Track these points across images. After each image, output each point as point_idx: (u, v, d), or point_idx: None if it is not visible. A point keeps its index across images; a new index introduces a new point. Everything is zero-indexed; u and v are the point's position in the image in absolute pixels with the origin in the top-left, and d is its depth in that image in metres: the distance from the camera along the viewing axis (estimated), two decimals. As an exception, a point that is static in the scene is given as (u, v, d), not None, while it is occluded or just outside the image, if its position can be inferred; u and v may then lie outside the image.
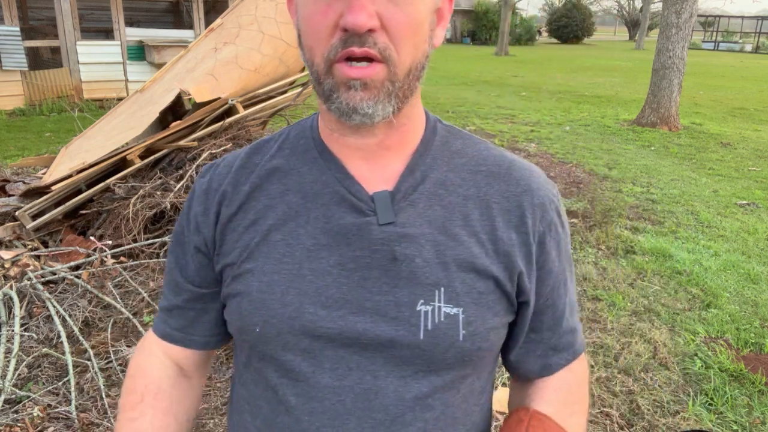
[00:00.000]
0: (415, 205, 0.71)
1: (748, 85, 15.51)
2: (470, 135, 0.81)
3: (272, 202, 0.73)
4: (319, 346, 0.69)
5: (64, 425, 2.30)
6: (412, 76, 0.66)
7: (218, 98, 3.94)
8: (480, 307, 0.70)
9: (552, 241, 0.75)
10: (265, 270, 0.70)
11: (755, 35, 36.02)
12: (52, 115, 8.45)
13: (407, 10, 0.62)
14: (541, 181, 0.77)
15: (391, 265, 0.68)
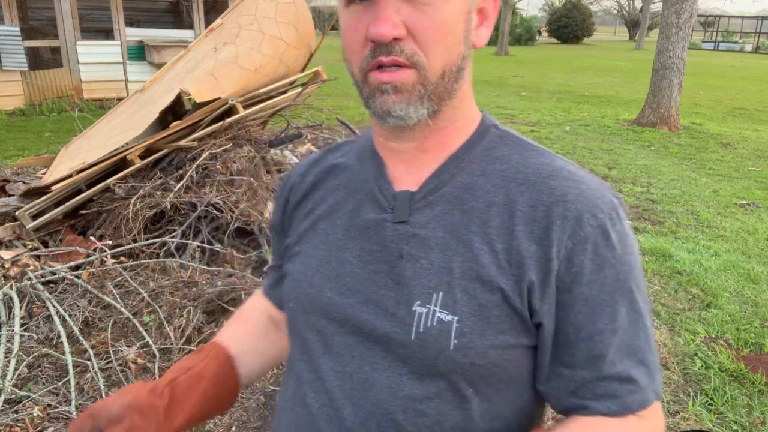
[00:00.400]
0: (433, 207, 0.71)
1: (748, 85, 15.51)
2: (527, 143, 0.75)
3: (326, 194, 0.81)
4: (332, 329, 0.74)
5: (64, 425, 2.30)
6: (447, 78, 0.67)
7: (218, 98, 3.94)
8: (479, 319, 0.67)
9: (587, 262, 0.66)
10: (307, 254, 0.79)
11: (755, 35, 36.03)
12: (52, 115, 8.45)
13: (434, 17, 0.64)
14: (586, 192, 0.68)
15: (396, 263, 0.71)
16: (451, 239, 0.69)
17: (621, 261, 0.67)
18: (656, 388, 0.69)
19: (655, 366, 0.70)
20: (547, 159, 0.73)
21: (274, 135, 4.72)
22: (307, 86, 4.58)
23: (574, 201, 0.67)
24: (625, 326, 0.67)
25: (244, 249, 3.71)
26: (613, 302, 0.67)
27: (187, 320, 2.86)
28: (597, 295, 0.67)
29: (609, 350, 0.67)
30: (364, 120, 8.62)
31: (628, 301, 0.68)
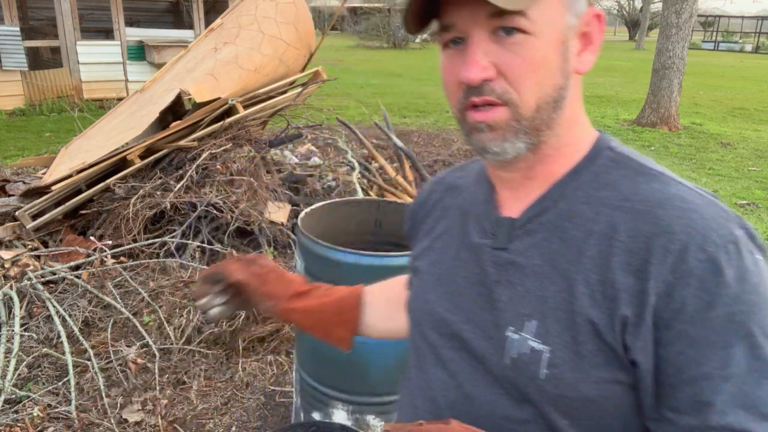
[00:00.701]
0: (533, 234, 0.71)
1: (748, 85, 15.51)
2: (642, 166, 0.70)
3: (444, 214, 0.85)
4: (441, 343, 0.77)
5: (64, 425, 2.31)
6: (543, 110, 0.67)
7: (218, 98, 3.94)
8: (571, 352, 0.65)
9: (691, 298, 0.61)
10: (424, 271, 0.84)
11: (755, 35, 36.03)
12: (52, 115, 8.45)
13: (523, 54, 0.65)
14: (696, 223, 0.63)
15: (494, 287, 0.73)
16: (548, 268, 0.69)
17: (738, 300, 0.60)
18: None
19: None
20: (660, 185, 0.67)
21: (274, 135, 4.72)
22: (307, 86, 4.58)
23: (679, 233, 0.62)
24: (741, 373, 0.60)
25: (244, 249, 3.71)
26: (726, 345, 0.60)
27: (187, 320, 2.86)
28: (704, 335, 0.61)
29: (717, 398, 0.60)
30: (363, 120, 8.62)
31: (748, 346, 0.60)
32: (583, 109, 0.74)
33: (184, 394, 2.55)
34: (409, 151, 5.12)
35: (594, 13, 0.69)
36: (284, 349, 2.84)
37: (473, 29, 0.65)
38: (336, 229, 2.14)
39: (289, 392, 2.59)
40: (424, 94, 11.66)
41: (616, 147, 0.73)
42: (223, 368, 2.72)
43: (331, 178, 4.85)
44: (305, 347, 1.98)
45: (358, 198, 2.38)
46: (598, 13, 0.68)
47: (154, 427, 2.34)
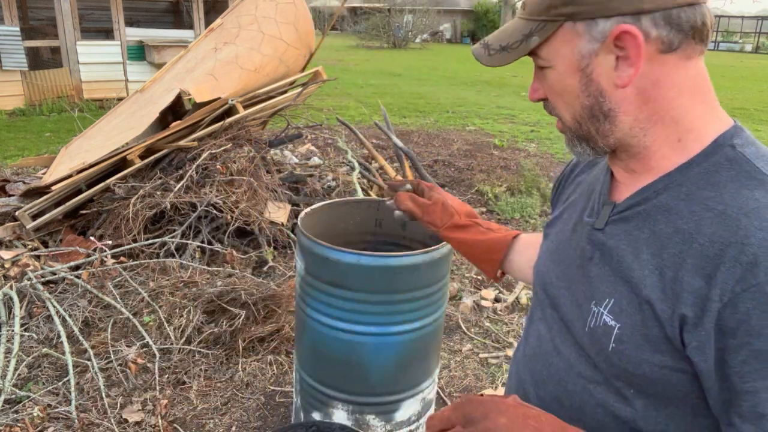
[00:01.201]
0: (628, 221, 0.77)
1: (748, 85, 15.51)
2: (755, 170, 0.70)
3: (577, 187, 0.94)
4: (547, 302, 0.89)
5: (64, 425, 2.31)
6: (585, 123, 0.77)
7: (218, 98, 3.94)
8: (637, 333, 0.71)
9: (757, 312, 0.62)
10: (550, 238, 0.94)
11: (755, 35, 36.01)
12: (52, 115, 8.45)
13: (548, 83, 0.78)
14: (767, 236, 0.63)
15: (589, 263, 0.81)
16: (632, 255, 0.74)
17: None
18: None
19: None
20: (760, 192, 0.67)
21: (274, 135, 4.72)
22: (307, 86, 4.58)
23: (754, 245, 0.63)
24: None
25: (244, 249, 3.71)
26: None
27: (187, 320, 2.86)
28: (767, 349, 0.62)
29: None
30: (363, 120, 8.62)
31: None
32: (690, 108, 0.74)
33: (184, 394, 2.55)
34: (409, 151, 5.12)
35: (618, 32, 0.70)
36: (284, 349, 2.84)
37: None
38: (336, 229, 2.14)
39: (289, 392, 2.59)
40: (424, 94, 11.66)
41: (740, 145, 0.72)
42: (223, 368, 2.72)
43: (331, 178, 4.85)
44: (305, 347, 1.98)
45: (358, 198, 2.38)
46: (624, 30, 0.69)
47: (154, 427, 2.34)
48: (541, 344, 0.88)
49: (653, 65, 0.71)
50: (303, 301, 1.91)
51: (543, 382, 0.86)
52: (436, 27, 29.52)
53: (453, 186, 5.68)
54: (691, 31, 0.70)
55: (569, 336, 0.83)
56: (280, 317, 2.90)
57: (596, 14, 0.70)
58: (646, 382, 0.73)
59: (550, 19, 0.73)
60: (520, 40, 0.75)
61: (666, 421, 0.74)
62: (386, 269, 1.76)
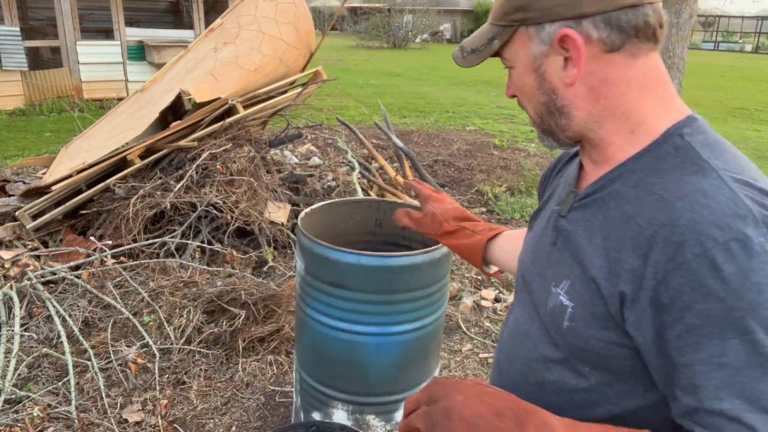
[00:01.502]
0: (586, 208, 0.83)
1: (748, 85, 15.51)
2: (698, 157, 0.74)
3: (558, 180, 0.99)
4: (524, 287, 0.94)
5: (64, 425, 2.31)
6: (545, 118, 0.84)
7: (218, 98, 3.94)
8: (587, 312, 0.77)
9: (686, 288, 0.66)
10: (532, 228, 1.00)
11: (755, 35, 35.99)
12: (52, 115, 8.45)
13: (512, 81, 0.86)
14: (704, 218, 0.67)
15: (553, 248, 0.87)
16: (586, 239, 0.80)
17: (737, 296, 0.64)
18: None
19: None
20: (698, 178, 0.71)
21: (274, 135, 4.72)
22: (307, 86, 4.58)
23: (683, 226, 0.68)
24: (737, 365, 0.64)
25: (244, 249, 3.71)
26: (723, 336, 0.65)
27: (187, 320, 2.86)
28: (700, 324, 0.66)
29: (709, 383, 0.66)
30: (363, 120, 8.62)
31: (748, 341, 0.64)
32: (639, 102, 0.80)
33: (184, 394, 2.55)
34: (409, 151, 5.12)
35: (560, 35, 0.77)
36: (284, 349, 2.84)
37: None
38: (336, 229, 2.14)
39: (289, 392, 2.59)
40: (424, 94, 11.66)
41: (688, 134, 0.78)
42: (223, 368, 2.72)
43: (331, 178, 4.85)
44: (305, 347, 1.98)
45: (358, 198, 2.38)
46: (564, 33, 0.76)
47: (154, 427, 2.34)
48: (517, 326, 0.94)
49: (599, 64, 0.77)
50: (303, 301, 1.91)
51: (513, 360, 0.93)
52: (436, 27, 29.51)
53: (453, 186, 5.68)
54: (633, 31, 0.75)
55: (537, 317, 0.88)
56: (280, 317, 2.90)
57: (543, 19, 0.77)
58: (597, 358, 0.78)
59: (507, 25, 0.81)
60: (485, 44, 0.84)
61: (618, 395, 0.78)
62: (386, 269, 1.76)
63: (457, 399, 0.70)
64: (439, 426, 0.68)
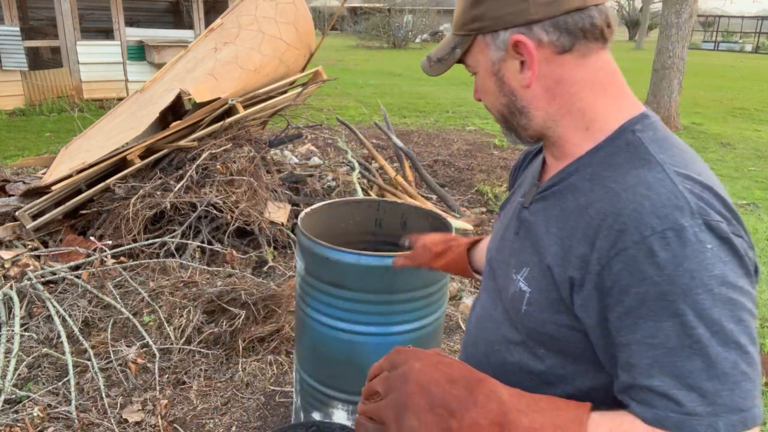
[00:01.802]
0: (546, 200, 0.88)
1: (748, 85, 15.51)
2: (645, 152, 0.79)
3: (525, 172, 1.05)
4: (491, 274, 1.00)
5: (64, 425, 2.31)
6: (507, 118, 0.89)
7: (218, 98, 3.94)
8: (542, 297, 0.82)
9: (625, 273, 0.71)
10: (500, 219, 1.05)
11: (755, 35, 35.99)
12: (52, 115, 8.45)
13: (476, 85, 0.92)
14: (644, 209, 0.72)
15: (515, 237, 0.92)
16: (544, 228, 0.85)
17: (671, 281, 0.68)
18: (712, 421, 0.67)
19: (721, 401, 0.67)
20: (644, 171, 0.76)
21: (274, 135, 4.72)
22: (307, 86, 4.58)
23: (625, 215, 0.73)
24: (668, 345, 0.69)
25: (244, 249, 3.71)
26: (657, 319, 0.69)
27: (187, 320, 2.86)
28: (636, 306, 0.71)
29: (642, 361, 0.71)
30: (363, 120, 8.62)
31: (679, 324, 0.68)
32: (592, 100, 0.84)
33: (184, 394, 2.55)
34: (409, 151, 5.12)
35: (513, 41, 0.82)
36: (284, 349, 2.84)
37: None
38: (336, 229, 2.14)
39: (289, 392, 2.59)
40: (424, 94, 11.66)
41: (639, 130, 0.82)
42: (223, 368, 2.72)
43: (331, 178, 4.85)
44: (305, 347, 1.98)
45: (358, 198, 2.38)
46: (517, 39, 0.81)
47: (154, 427, 2.34)
48: (482, 311, 1.00)
49: (552, 66, 0.82)
50: (303, 301, 1.91)
51: (477, 342, 0.98)
52: (436, 27, 29.51)
53: (453, 186, 5.68)
54: (581, 32, 0.80)
55: (500, 302, 0.94)
56: (280, 317, 2.90)
57: (497, 27, 0.82)
58: (551, 341, 0.83)
59: (466, 34, 0.86)
60: (448, 52, 0.89)
61: (572, 376, 0.83)
62: (386, 269, 1.76)
63: (415, 366, 0.75)
64: (397, 390, 0.73)
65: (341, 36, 31.48)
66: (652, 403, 0.70)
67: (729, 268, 0.70)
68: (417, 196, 4.73)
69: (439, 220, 2.04)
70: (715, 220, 0.71)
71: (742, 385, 0.68)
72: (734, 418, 0.68)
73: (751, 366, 0.69)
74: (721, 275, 0.69)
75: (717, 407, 0.67)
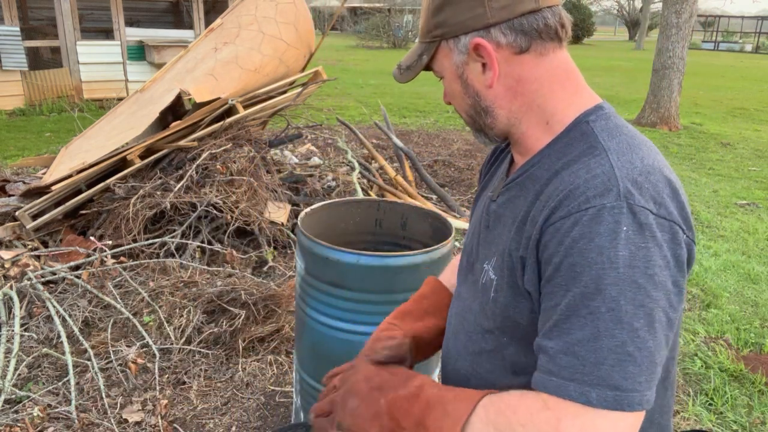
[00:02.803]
0: (510, 191, 0.93)
1: (748, 85, 15.51)
2: (595, 142, 0.83)
3: (494, 169, 1.08)
4: (469, 268, 1.02)
5: (64, 425, 2.31)
6: (474, 118, 0.93)
7: (218, 98, 3.94)
8: (507, 283, 0.86)
9: (551, 244, 0.77)
10: (473, 214, 1.09)
11: (755, 35, 35.99)
12: (52, 115, 8.45)
13: (444, 89, 0.95)
14: (578, 189, 0.77)
15: (486, 230, 0.97)
16: (509, 218, 0.89)
17: (580, 254, 0.74)
18: (585, 390, 0.71)
19: (599, 373, 0.71)
20: (589, 158, 0.81)
21: (274, 135, 4.72)
22: (307, 86, 4.58)
23: (559, 194, 0.79)
24: (567, 313, 0.75)
25: (244, 249, 3.71)
26: (564, 287, 0.75)
27: (187, 320, 2.86)
28: (552, 276, 0.77)
29: (546, 324, 0.78)
30: (363, 120, 8.62)
31: (580, 294, 0.73)
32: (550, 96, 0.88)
33: (184, 394, 2.55)
34: (409, 151, 5.12)
35: (473, 45, 0.86)
36: (284, 349, 2.84)
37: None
38: (336, 229, 2.14)
39: (289, 392, 2.59)
40: (424, 94, 11.66)
41: (593, 120, 0.86)
42: (223, 368, 2.72)
43: (331, 178, 4.85)
44: (305, 347, 1.98)
45: (358, 198, 2.38)
46: (476, 42, 0.86)
47: (154, 427, 2.34)
48: (461, 303, 1.03)
49: (512, 65, 0.86)
50: (303, 301, 1.91)
51: (457, 333, 1.01)
52: (436, 27, 29.44)
53: (453, 186, 5.68)
54: (536, 33, 0.85)
55: (478, 294, 0.96)
56: (280, 317, 2.90)
57: (458, 32, 0.87)
58: (514, 327, 0.87)
59: (430, 41, 0.91)
60: (416, 60, 0.93)
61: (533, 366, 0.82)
62: (386, 269, 1.76)
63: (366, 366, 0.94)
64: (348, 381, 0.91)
65: (341, 36, 31.48)
66: (543, 363, 0.76)
67: (642, 253, 0.73)
68: (417, 196, 4.73)
69: (439, 220, 2.05)
70: (639, 205, 0.75)
71: (625, 366, 0.71)
72: (609, 393, 0.71)
73: (641, 351, 0.71)
74: (630, 257, 0.72)
75: (593, 378, 0.71)
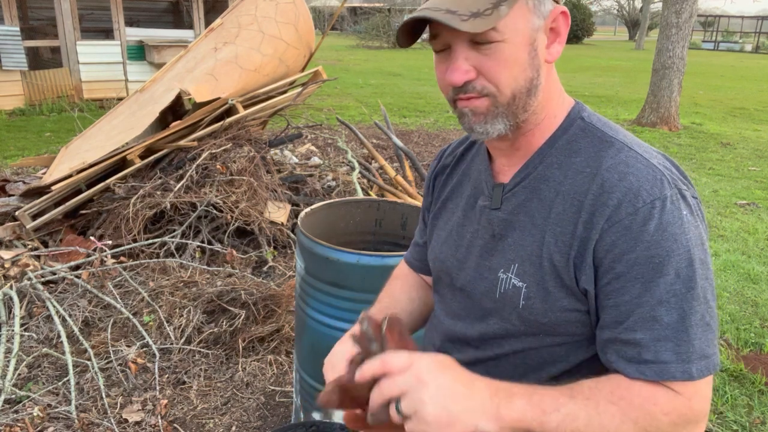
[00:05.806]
0: (518, 196, 0.88)
1: (748, 85, 15.50)
2: (605, 135, 0.84)
3: (454, 176, 1.03)
4: (448, 283, 0.99)
5: (64, 425, 2.31)
6: (518, 98, 0.81)
7: (218, 98, 3.94)
8: (541, 288, 0.84)
9: (620, 242, 0.77)
10: (439, 227, 1.03)
11: (755, 35, 35.98)
12: (52, 115, 8.45)
13: (497, 57, 0.79)
14: (630, 184, 0.78)
15: (490, 240, 0.92)
16: (528, 222, 0.86)
17: (657, 245, 0.76)
18: (686, 367, 0.76)
19: (692, 348, 0.76)
20: (614, 151, 0.82)
21: (274, 135, 4.72)
22: (307, 86, 4.58)
23: (616, 191, 0.78)
24: (652, 303, 0.76)
25: (244, 249, 3.71)
26: (645, 280, 0.76)
27: (187, 320, 2.86)
28: (627, 271, 0.77)
29: (629, 318, 0.77)
30: (363, 120, 8.62)
31: (663, 282, 0.76)
32: (558, 85, 0.87)
33: (184, 394, 2.55)
34: (409, 151, 5.12)
35: (560, 11, 0.81)
36: (284, 349, 2.84)
37: (455, 41, 0.80)
38: (336, 229, 2.14)
39: (289, 392, 2.59)
40: (424, 94, 11.66)
41: (586, 117, 0.87)
42: (223, 368, 2.72)
43: (331, 178, 4.85)
44: (305, 347, 1.98)
45: (358, 198, 2.38)
46: (563, 11, 0.82)
47: (154, 427, 2.34)
48: (448, 310, 1.00)
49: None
50: (303, 301, 1.91)
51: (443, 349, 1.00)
52: (436, 27, 29.45)
53: (453, 186, 5.67)
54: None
55: (486, 303, 0.92)
56: (280, 317, 2.90)
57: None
58: (552, 326, 0.86)
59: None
60: (490, 8, 0.75)
61: (567, 353, 0.87)
62: (386, 269, 1.75)
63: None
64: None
65: (341, 36, 31.48)
66: (634, 355, 0.77)
67: (698, 232, 0.79)
68: (417, 196, 4.73)
69: (439, 220, 2.04)
70: (682, 188, 0.80)
71: (707, 335, 0.77)
72: (702, 363, 0.77)
73: (713, 318, 0.79)
74: (694, 238, 0.78)
75: (689, 354, 0.76)
